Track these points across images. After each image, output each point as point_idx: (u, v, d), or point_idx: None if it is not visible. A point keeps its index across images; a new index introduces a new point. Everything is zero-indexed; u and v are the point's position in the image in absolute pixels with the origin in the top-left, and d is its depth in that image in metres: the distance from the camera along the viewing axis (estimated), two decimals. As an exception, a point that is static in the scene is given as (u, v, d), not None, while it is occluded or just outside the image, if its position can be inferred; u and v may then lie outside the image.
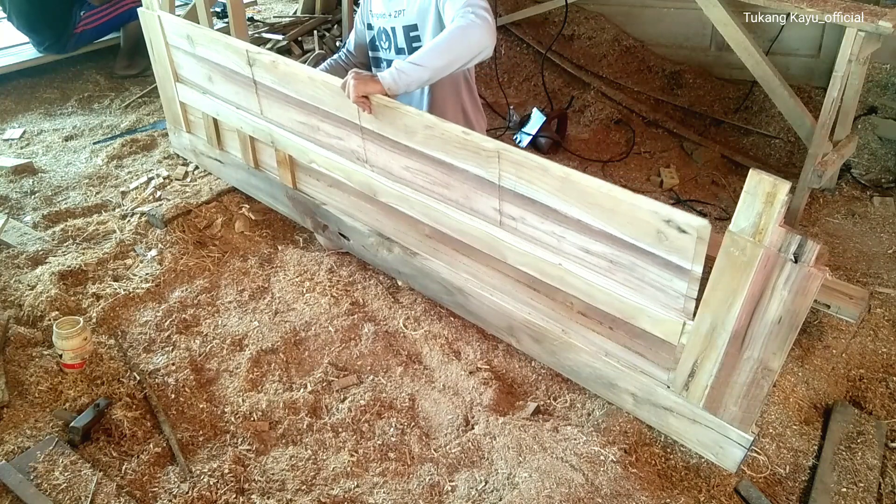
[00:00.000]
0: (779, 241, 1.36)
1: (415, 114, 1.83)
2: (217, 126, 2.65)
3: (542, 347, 1.95)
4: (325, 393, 1.95)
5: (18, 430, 1.73)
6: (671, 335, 1.63)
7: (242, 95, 2.39)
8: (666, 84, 3.64)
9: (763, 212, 1.35)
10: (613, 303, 1.68)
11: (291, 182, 2.47)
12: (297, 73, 2.09)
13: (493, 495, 1.65)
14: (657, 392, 1.74)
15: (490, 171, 1.74)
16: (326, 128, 2.15)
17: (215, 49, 2.35)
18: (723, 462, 1.70)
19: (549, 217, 1.69)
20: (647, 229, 1.50)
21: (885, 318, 2.21)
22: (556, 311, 1.88)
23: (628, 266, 1.60)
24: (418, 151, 1.90)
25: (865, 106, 3.09)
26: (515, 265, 1.86)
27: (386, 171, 2.07)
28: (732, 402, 1.60)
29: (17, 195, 2.80)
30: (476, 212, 1.88)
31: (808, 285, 1.36)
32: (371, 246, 2.31)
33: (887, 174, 2.96)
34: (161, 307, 2.22)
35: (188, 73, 2.61)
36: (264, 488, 1.67)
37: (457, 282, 2.09)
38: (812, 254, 1.34)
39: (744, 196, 1.36)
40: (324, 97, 2.05)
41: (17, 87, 3.74)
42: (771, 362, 1.49)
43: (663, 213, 1.45)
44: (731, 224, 1.41)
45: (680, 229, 1.44)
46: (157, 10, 2.53)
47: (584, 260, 1.69)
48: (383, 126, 1.93)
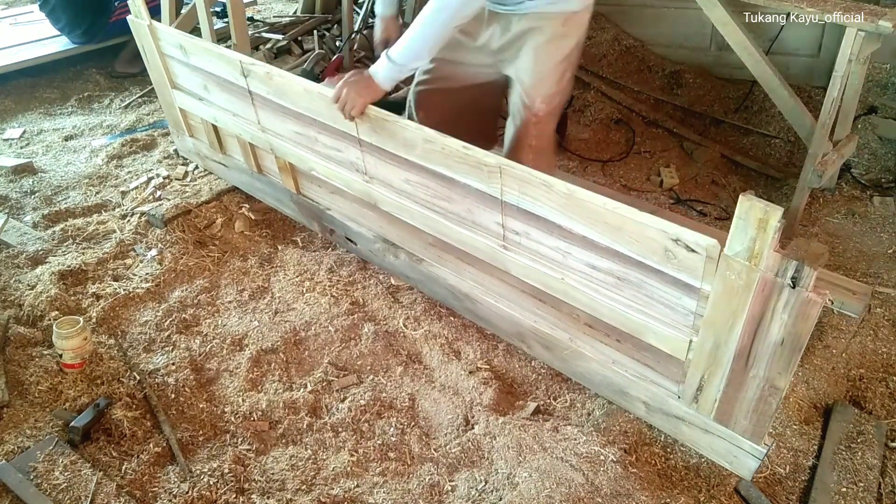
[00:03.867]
0: (775, 266, 1.33)
1: (414, 127, 1.78)
2: (217, 131, 2.65)
3: (553, 354, 1.95)
4: (325, 393, 1.95)
5: (18, 430, 1.73)
6: (678, 351, 1.61)
7: (239, 105, 2.36)
8: (666, 84, 3.64)
9: (757, 237, 1.31)
10: (619, 318, 1.66)
11: (295, 187, 2.47)
12: (292, 84, 2.04)
13: (493, 495, 1.65)
14: (668, 402, 1.73)
15: (492, 186, 1.70)
16: (324, 139, 2.12)
17: (208, 60, 2.32)
18: (738, 470, 1.69)
19: (554, 233, 1.66)
20: (654, 247, 1.47)
21: (885, 318, 2.20)
22: (562, 321, 1.88)
23: (636, 283, 1.58)
24: (419, 165, 1.86)
25: (865, 106, 3.09)
26: (520, 277, 1.84)
27: (386, 183, 2.04)
28: (742, 415, 1.59)
29: (17, 195, 2.80)
30: (478, 225, 1.85)
31: (808, 310, 1.33)
32: (378, 251, 2.31)
33: (887, 174, 2.95)
34: (161, 307, 2.22)
35: (184, 81, 2.59)
36: (264, 488, 1.67)
37: (464, 288, 2.09)
38: (810, 279, 1.30)
39: (736, 221, 1.32)
40: (320, 109, 2.01)
41: (17, 87, 3.74)
42: (777, 382, 1.47)
43: (671, 232, 1.42)
44: (725, 247, 1.37)
45: (689, 248, 1.42)
46: (146, 19, 2.47)
47: (591, 276, 1.67)
48: (383, 140, 1.89)
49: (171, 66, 2.59)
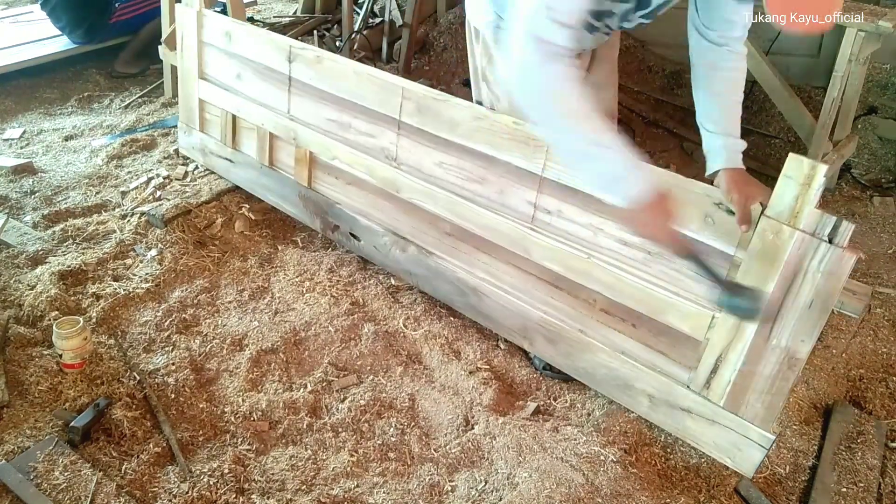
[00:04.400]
0: (814, 224, 1.39)
1: (465, 105, 1.88)
2: (235, 123, 2.67)
3: (557, 349, 1.95)
4: (325, 393, 1.95)
5: (18, 430, 1.73)
6: (698, 330, 1.63)
7: (271, 93, 2.43)
8: (666, 84, 3.64)
9: (800, 195, 1.37)
10: (642, 298, 1.69)
11: (307, 180, 2.48)
12: (342, 68, 2.14)
13: (493, 495, 1.65)
14: (676, 392, 1.73)
15: (535, 161, 1.77)
16: (359, 124, 2.19)
17: (255, 45, 2.39)
18: (740, 466, 1.68)
19: (590, 207, 1.71)
20: (694, 213, 1.52)
21: (885, 318, 2.21)
22: (576, 309, 1.89)
23: (667, 257, 1.61)
24: (457, 145, 1.94)
25: (865, 106, 3.09)
26: (540, 261, 1.88)
27: (415, 168, 2.10)
28: (755, 397, 1.59)
29: (17, 195, 2.80)
30: (508, 207, 1.91)
31: (842, 266, 1.38)
32: (384, 246, 2.31)
33: (887, 174, 2.96)
34: (161, 307, 2.22)
35: (215, 70, 2.65)
36: (264, 488, 1.67)
37: (472, 282, 2.09)
38: (846, 235, 1.36)
39: (782, 179, 1.39)
40: (366, 93, 2.10)
41: (17, 87, 3.74)
42: (799, 350, 1.49)
43: (714, 196, 1.48)
44: (766, 209, 1.42)
45: (730, 211, 1.47)
46: (197, 6, 2.56)
47: (619, 253, 1.71)
48: (425, 120, 1.97)
49: (206, 55, 2.65)
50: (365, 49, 3.99)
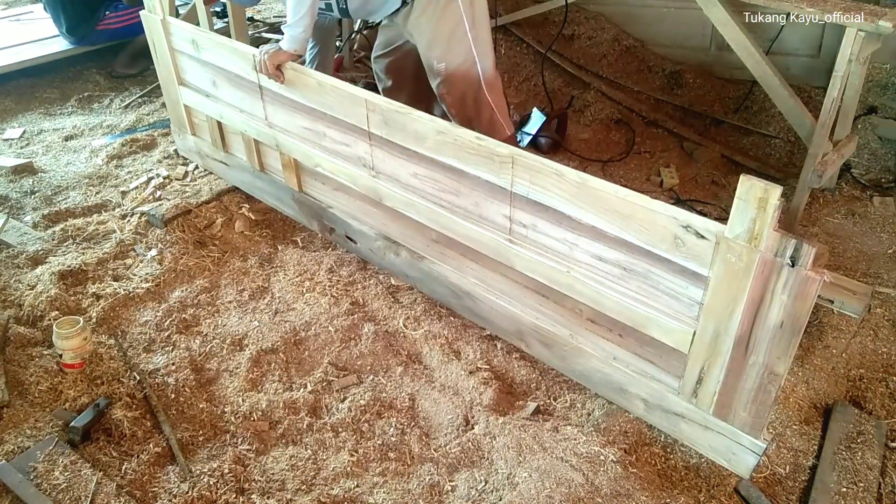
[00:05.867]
0: (774, 246, 1.35)
1: (426, 119, 1.81)
2: (221, 129, 2.65)
3: (552, 352, 1.95)
4: (325, 393, 1.95)
5: (18, 430, 1.73)
6: (682, 344, 1.61)
7: (247, 101, 2.39)
8: (666, 84, 3.64)
9: (757, 217, 1.34)
10: (623, 311, 1.67)
11: (297, 185, 2.47)
12: (305, 77, 2.09)
13: (493, 495, 1.65)
14: (668, 398, 1.73)
15: (503, 177, 1.72)
16: (333, 134, 2.14)
17: (221, 54, 2.35)
18: (736, 468, 1.69)
19: (563, 224, 1.68)
20: (663, 235, 1.49)
21: (885, 318, 2.20)
22: (564, 317, 1.88)
23: (642, 273, 1.59)
24: (428, 157, 1.88)
25: (865, 106, 3.09)
26: (524, 272, 1.85)
27: (393, 178, 2.06)
28: (741, 407, 1.59)
29: (17, 195, 2.80)
30: (485, 219, 1.87)
31: (807, 289, 1.35)
32: (378, 249, 2.31)
33: (887, 174, 2.95)
34: (161, 307, 2.22)
35: (192, 77, 2.61)
36: (264, 488, 1.67)
37: (465, 286, 2.09)
38: (808, 257, 1.32)
39: (736, 202, 1.35)
40: (332, 103, 2.05)
41: (17, 87, 3.74)
42: (776, 367, 1.48)
43: (682, 219, 1.44)
44: (726, 230, 1.40)
45: (698, 234, 1.43)
46: (161, 14, 2.52)
47: (597, 268, 1.68)
48: (393, 132, 1.92)
49: (181, 62, 2.61)
50: (365, 49, 3.98)
